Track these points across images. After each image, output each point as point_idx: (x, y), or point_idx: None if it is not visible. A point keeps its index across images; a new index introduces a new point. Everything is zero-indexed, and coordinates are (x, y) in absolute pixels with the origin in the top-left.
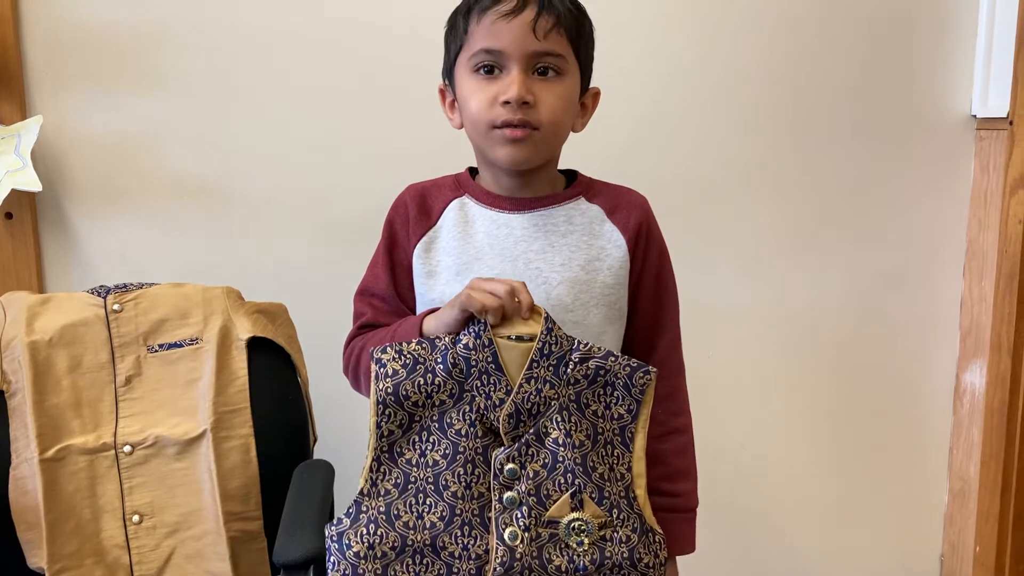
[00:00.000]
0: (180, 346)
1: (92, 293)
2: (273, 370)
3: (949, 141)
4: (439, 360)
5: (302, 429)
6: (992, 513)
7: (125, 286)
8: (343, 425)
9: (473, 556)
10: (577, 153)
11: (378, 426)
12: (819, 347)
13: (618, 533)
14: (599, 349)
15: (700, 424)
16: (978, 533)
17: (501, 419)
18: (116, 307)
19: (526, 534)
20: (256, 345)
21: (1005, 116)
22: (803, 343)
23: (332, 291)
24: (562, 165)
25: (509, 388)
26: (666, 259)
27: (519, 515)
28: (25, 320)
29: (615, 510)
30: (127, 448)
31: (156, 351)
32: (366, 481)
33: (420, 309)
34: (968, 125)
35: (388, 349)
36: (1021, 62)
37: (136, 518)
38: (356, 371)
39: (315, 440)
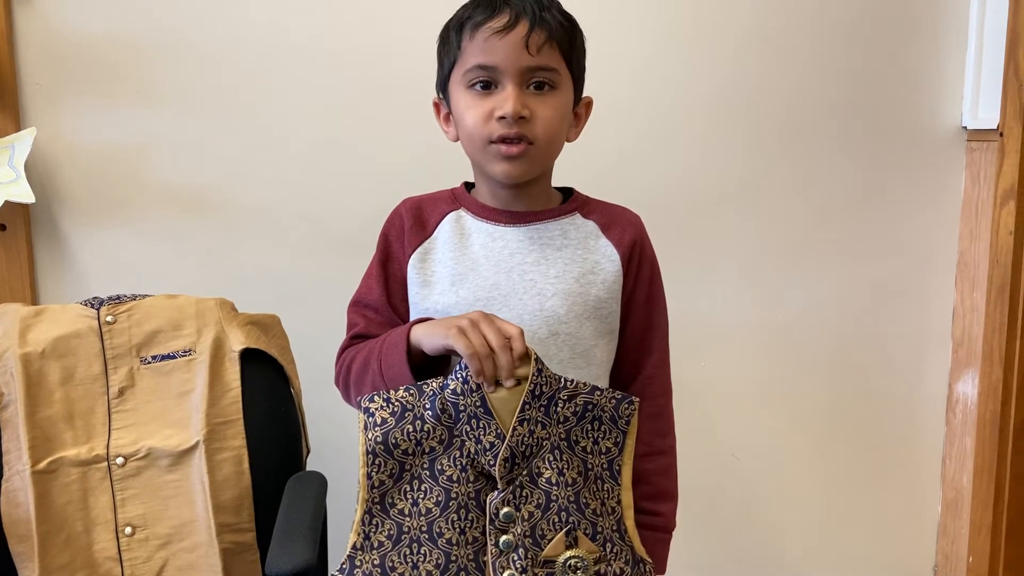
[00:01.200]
0: (173, 358)
1: (85, 305)
2: (266, 382)
3: (940, 153)
4: (427, 406)
5: (295, 441)
6: (985, 523)
7: (118, 298)
8: (336, 437)
9: None
10: (573, 166)
11: (369, 476)
12: (812, 357)
13: (612, 567)
14: (584, 385)
15: (694, 434)
16: (971, 543)
17: (497, 464)
18: (109, 319)
19: (523, 575)
20: (249, 357)
21: (995, 128)
22: (796, 354)
23: (325, 303)
24: (558, 179)
25: (499, 431)
26: (658, 279)
27: (515, 558)
28: (18, 332)
29: (608, 544)
30: (120, 460)
31: (149, 363)
32: (358, 535)
33: (414, 318)
34: (959, 137)
35: (376, 398)
36: (1011, 74)
37: (128, 530)
38: (347, 381)
39: (308, 452)
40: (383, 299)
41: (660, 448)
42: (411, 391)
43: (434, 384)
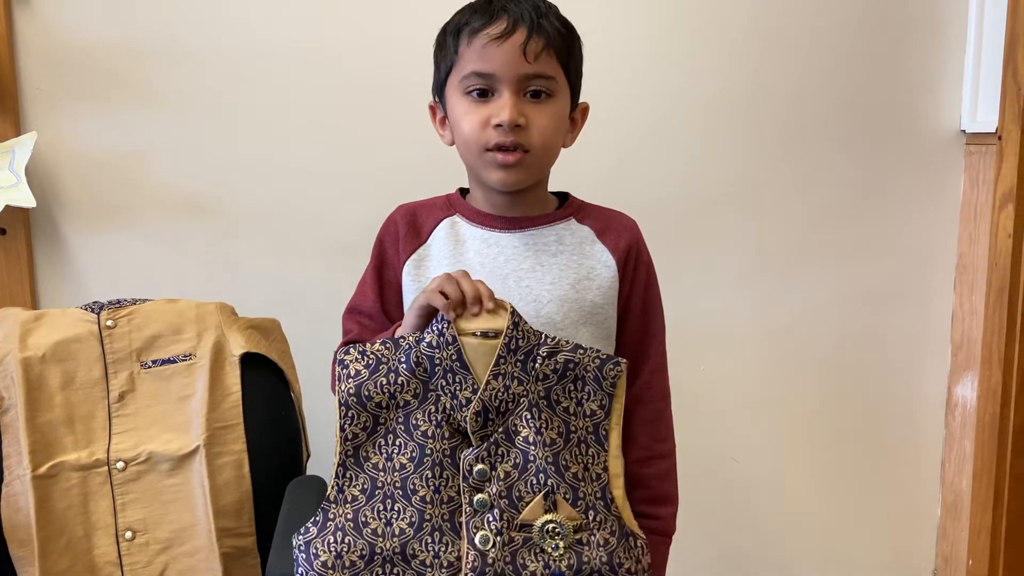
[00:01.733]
0: (173, 362)
1: (85, 309)
2: (266, 386)
3: (939, 156)
4: (402, 359)
5: (295, 445)
6: (984, 526)
7: (119, 302)
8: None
9: (445, 564)
10: (569, 172)
11: (342, 429)
12: (811, 361)
13: (595, 536)
14: (567, 343)
15: (693, 438)
16: (971, 546)
17: (469, 418)
18: (109, 323)
19: (498, 538)
20: (249, 361)
21: (994, 131)
22: (795, 357)
23: (325, 306)
24: (554, 184)
25: (476, 387)
26: (654, 284)
27: (491, 518)
28: (18, 336)
29: (591, 512)
30: (120, 464)
31: (149, 367)
32: (332, 487)
33: None
34: (957, 140)
35: (351, 350)
36: (1009, 77)
37: (129, 535)
38: None
39: (308, 456)
40: (377, 306)
41: (659, 453)
42: (387, 344)
43: (410, 338)
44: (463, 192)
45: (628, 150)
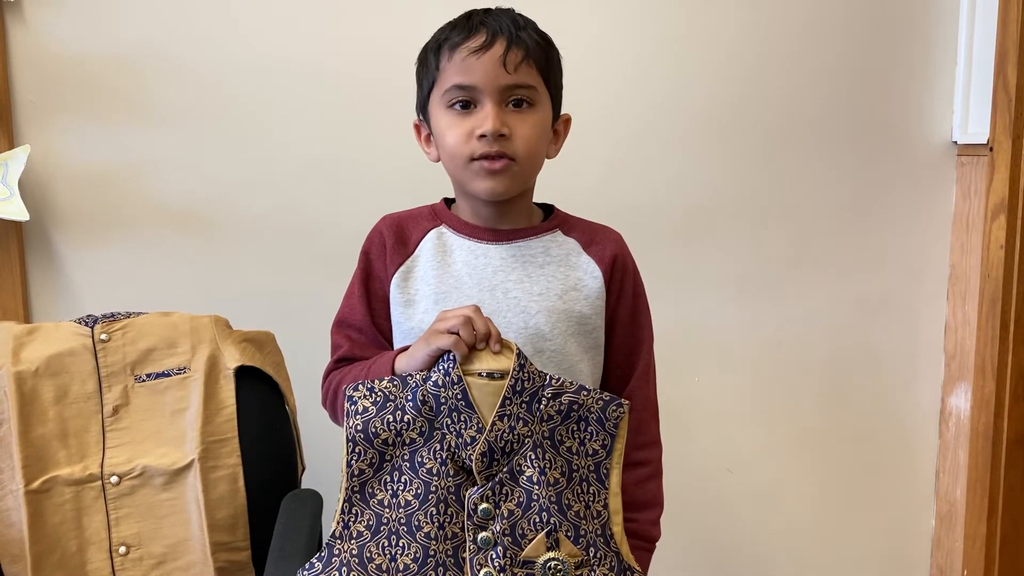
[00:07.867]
0: (168, 375)
1: (79, 323)
2: (261, 399)
3: (931, 167)
4: (409, 397)
5: (290, 458)
6: (979, 536)
7: (112, 315)
8: (331, 454)
9: None
10: (557, 182)
11: (349, 465)
12: (805, 372)
13: (595, 572)
14: (571, 384)
15: (687, 449)
16: (966, 556)
17: (474, 458)
18: (103, 337)
19: (502, 575)
20: (244, 374)
21: (985, 143)
22: (789, 368)
23: (320, 319)
24: (544, 195)
25: (480, 426)
26: (642, 294)
27: (494, 555)
28: (11, 350)
29: (592, 548)
30: (114, 479)
31: (143, 381)
32: (338, 523)
33: (397, 339)
34: (949, 151)
35: (360, 386)
36: (1000, 89)
37: (123, 549)
38: (334, 405)
39: (303, 469)
40: (367, 319)
41: (637, 460)
42: (395, 382)
43: (417, 376)
44: (448, 203)
45: (617, 161)
